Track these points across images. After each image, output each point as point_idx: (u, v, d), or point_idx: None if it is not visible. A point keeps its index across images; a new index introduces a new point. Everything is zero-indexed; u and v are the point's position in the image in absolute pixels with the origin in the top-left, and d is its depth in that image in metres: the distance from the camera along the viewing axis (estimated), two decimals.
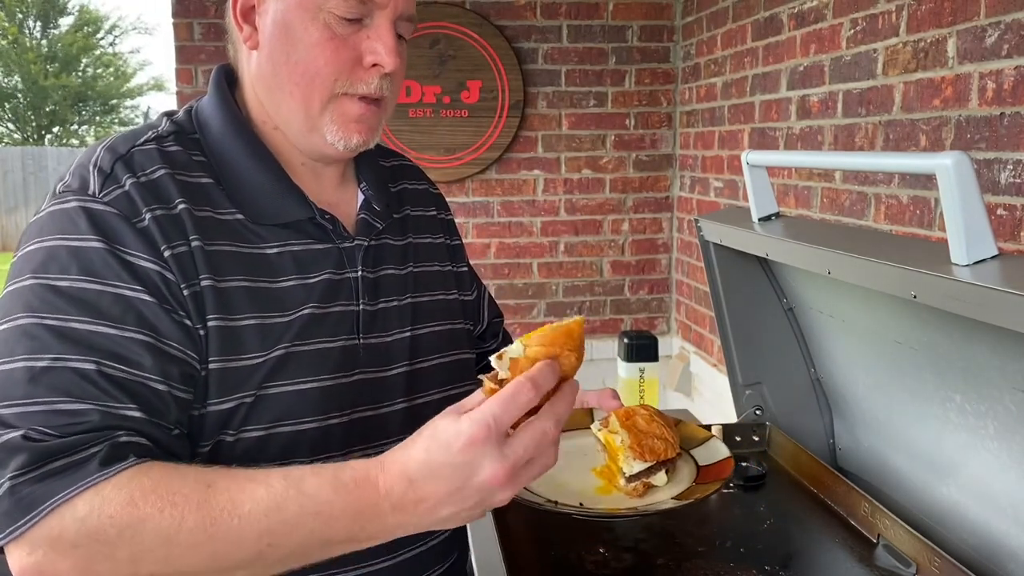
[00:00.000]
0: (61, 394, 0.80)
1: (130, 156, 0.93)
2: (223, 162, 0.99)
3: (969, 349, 1.11)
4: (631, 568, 1.21)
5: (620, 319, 3.70)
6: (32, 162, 14.41)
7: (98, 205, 0.89)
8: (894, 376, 1.34)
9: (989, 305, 0.85)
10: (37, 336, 0.82)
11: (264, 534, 0.78)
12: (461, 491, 0.78)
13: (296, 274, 0.98)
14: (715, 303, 1.64)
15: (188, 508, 0.77)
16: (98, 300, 0.85)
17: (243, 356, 0.92)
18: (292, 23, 0.96)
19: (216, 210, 0.96)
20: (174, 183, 0.93)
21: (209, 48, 3.30)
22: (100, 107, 20.34)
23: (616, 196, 3.61)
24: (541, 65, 3.49)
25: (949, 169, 0.92)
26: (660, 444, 1.01)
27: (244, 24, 0.99)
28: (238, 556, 0.78)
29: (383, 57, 0.97)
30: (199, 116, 1.02)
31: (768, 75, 2.66)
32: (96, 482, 0.77)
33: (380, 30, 0.97)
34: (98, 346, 0.83)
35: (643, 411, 1.06)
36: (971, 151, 1.70)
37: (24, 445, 0.77)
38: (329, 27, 0.95)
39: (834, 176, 2.26)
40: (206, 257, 0.92)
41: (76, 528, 0.76)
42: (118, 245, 0.87)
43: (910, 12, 1.91)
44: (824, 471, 1.43)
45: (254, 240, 0.97)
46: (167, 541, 0.76)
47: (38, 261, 0.86)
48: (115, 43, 21.40)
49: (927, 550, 1.13)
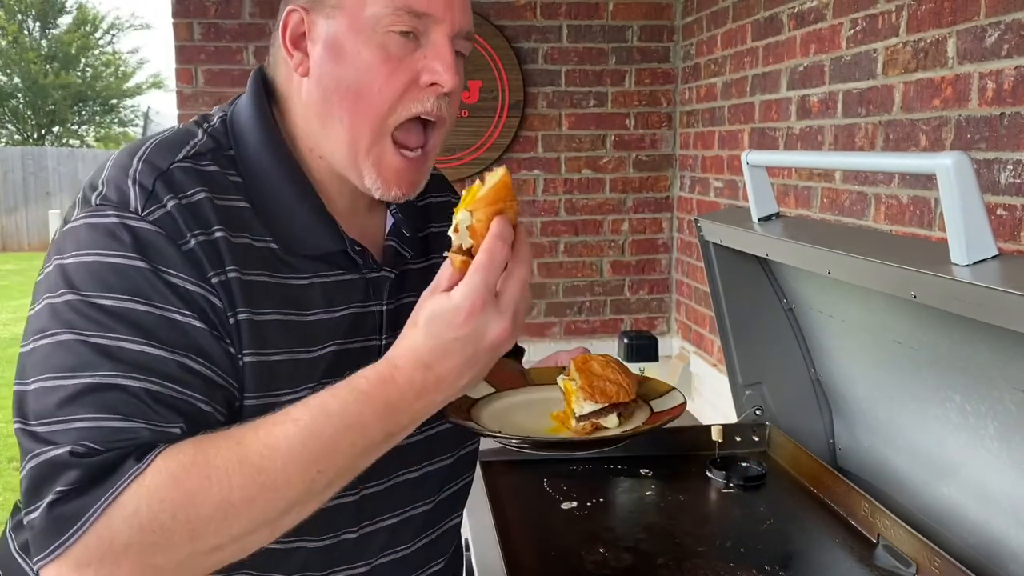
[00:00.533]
0: (109, 412, 0.77)
1: (170, 174, 0.89)
2: (259, 185, 0.94)
3: (969, 349, 1.11)
4: (631, 568, 1.21)
5: (620, 319, 3.70)
6: (32, 162, 14.41)
7: (142, 224, 0.85)
8: (894, 376, 1.34)
9: (989, 305, 0.86)
10: (80, 353, 0.79)
11: (310, 464, 0.78)
12: (474, 356, 0.82)
13: (324, 307, 0.95)
14: (715, 303, 1.64)
15: (231, 469, 0.76)
16: (146, 321, 0.82)
17: (277, 393, 0.89)
18: (344, 46, 0.91)
19: (253, 236, 0.91)
20: (213, 208, 0.89)
21: (209, 48, 3.30)
22: (100, 107, 20.34)
23: (616, 196, 3.61)
24: (541, 65, 3.49)
25: (949, 169, 0.92)
26: (612, 387, 1.03)
27: (294, 51, 0.94)
28: (291, 495, 0.78)
29: (441, 75, 0.92)
30: (234, 128, 0.97)
31: (768, 75, 2.66)
32: (136, 475, 0.74)
33: (438, 47, 0.92)
34: (146, 366, 0.80)
35: (601, 358, 1.08)
36: (971, 151, 1.70)
37: (73, 462, 0.74)
38: (384, 48, 0.91)
39: (834, 176, 2.26)
40: (243, 288, 0.88)
41: (128, 526, 0.73)
42: (163, 267, 0.84)
43: (910, 12, 1.91)
44: (824, 471, 1.43)
45: (285, 271, 0.93)
46: (222, 506, 0.75)
47: (78, 277, 0.83)
48: (113, 41, 21.37)
49: (927, 550, 1.13)
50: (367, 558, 1.01)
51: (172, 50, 3.30)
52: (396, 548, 1.04)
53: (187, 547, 0.75)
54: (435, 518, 1.09)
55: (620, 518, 1.40)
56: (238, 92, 1.04)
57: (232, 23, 3.29)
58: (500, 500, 1.46)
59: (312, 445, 0.78)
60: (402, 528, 1.04)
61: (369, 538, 1.01)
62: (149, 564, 0.75)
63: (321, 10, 0.93)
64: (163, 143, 0.93)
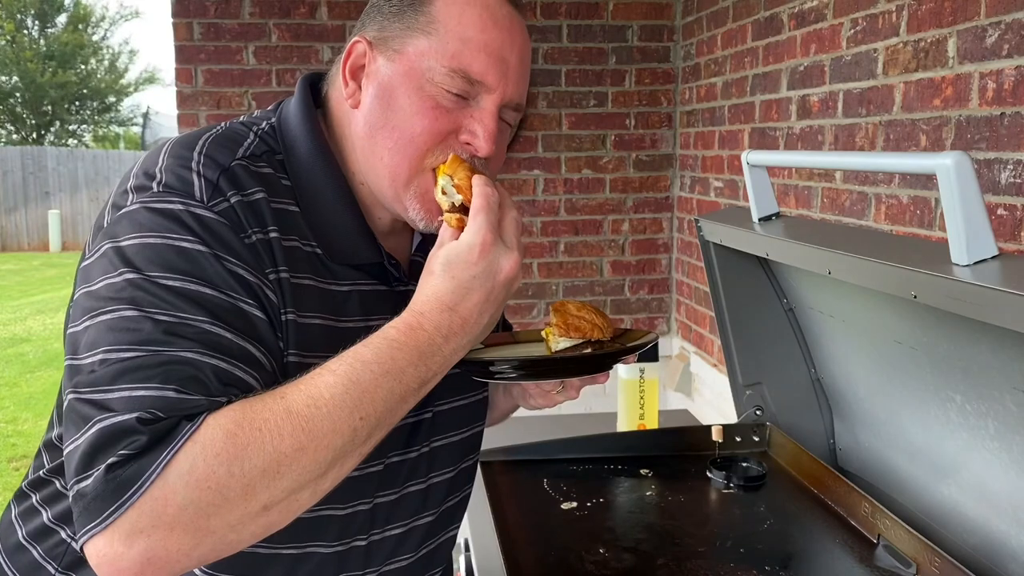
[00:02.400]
0: (172, 383, 0.77)
1: (232, 171, 0.90)
2: (307, 191, 0.96)
3: (969, 349, 1.11)
4: (631, 568, 1.21)
5: (620, 319, 3.70)
6: (32, 162, 14.42)
7: (208, 213, 0.86)
8: (894, 376, 1.34)
9: (989, 305, 0.86)
10: (143, 328, 0.79)
11: (353, 411, 0.79)
12: (492, 291, 0.87)
13: (361, 315, 0.98)
14: (715, 303, 1.64)
15: (279, 420, 0.76)
16: (212, 303, 0.82)
17: None
18: (396, 89, 0.94)
19: (301, 240, 0.94)
20: (269, 209, 0.91)
21: (209, 48, 3.30)
22: (98, 105, 20.35)
23: (616, 196, 3.61)
24: (541, 65, 3.49)
25: (949, 169, 0.92)
26: (587, 325, 1.06)
27: (351, 81, 0.97)
28: (337, 443, 0.79)
29: (479, 142, 0.95)
30: (284, 135, 0.99)
31: (768, 75, 2.66)
32: (190, 433, 0.73)
33: (484, 113, 0.95)
34: (215, 344, 0.81)
35: (577, 303, 1.10)
36: (971, 151, 1.70)
37: (139, 428, 0.73)
38: (434, 99, 0.93)
39: (834, 176, 2.26)
40: (292, 289, 0.91)
41: (184, 484, 0.72)
42: (227, 256, 0.85)
43: (910, 12, 1.91)
44: (824, 471, 1.43)
45: (328, 276, 0.96)
46: (275, 456, 0.75)
47: (140, 258, 0.83)
48: (107, 36, 21.33)
49: (927, 550, 1.13)
50: (374, 565, 1.04)
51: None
52: (401, 557, 1.06)
53: (241, 506, 0.74)
54: (437, 529, 1.11)
55: (620, 518, 1.40)
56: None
57: (232, 23, 3.29)
58: (500, 500, 1.46)
59: (353, 392, 0.80)
60: (408, 537, 1.06)
61: (377, 546, 1.03)
62: (202, 527, 0.73)
63: (384, 51, 0.95)
64: (220, 139, 0.94)
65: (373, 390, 0.81)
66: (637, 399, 1.90)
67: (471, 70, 0.93)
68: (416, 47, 0.93)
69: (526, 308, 3.62)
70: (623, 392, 1.92)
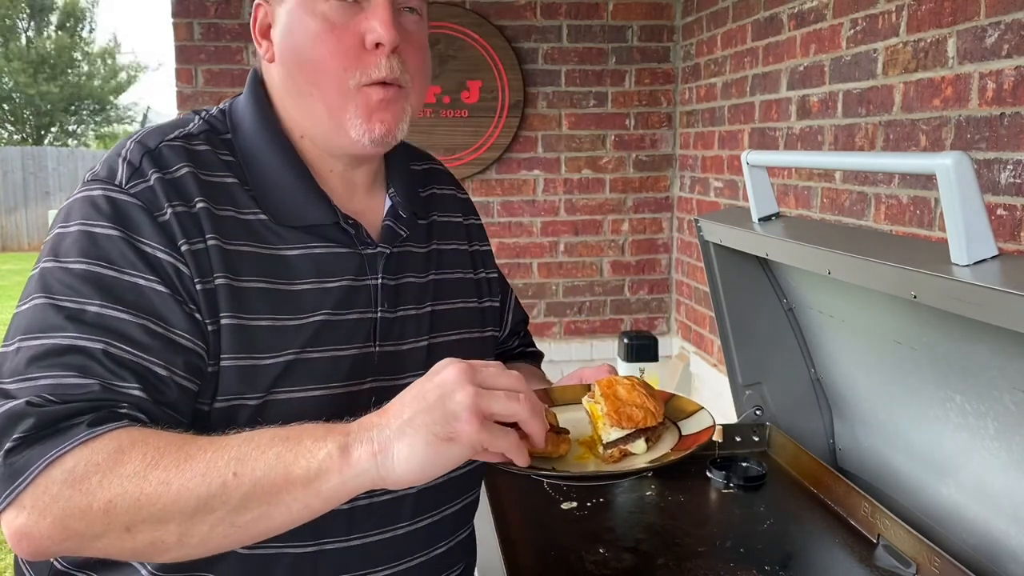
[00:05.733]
0: (67, 369, 0.82)
1: (158, 151, 0.95)
2: (251, 163, 0.99)
3: (969, 349, 1.11)
4: (631, 568, 1.21)
5: (620, 319, 3.70)
6: (32, 162, 14.40)
7: (123, 195, 0.91)
8: (894, 376, 1.34)
9: (989, 305, 0.86)
10: (49, 316, 0.85)
11: (232, 460, 0.79)
12: (421, 390, 0.81)
13: (314, 278, 0.98)
14: (715, 303, 1.64)
15: (169, 449, 0.79)
16: (113, 285, 0.87)
17: (255, 356, 0.92)
18: (294, 25, 0.96)
19: (239, 210, 0.96)
20: (196, 182, 0.94)
21: (209, 48, 3.30)
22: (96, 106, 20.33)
23: (616, 196, 3.61)
24: (541, 65, 3.49)
25: (949, 169, 0.92)
26: (639, 412, 1.02)
27: (262, 40, 1.01)
28: (203, 491, 0.78)
29: (379, 32, 0.94)
30: (233, 116, 1.03)
31: (768, 75, 2.66)
32: (87, 439, 0.79)
33: (375, 7, 0.95)
34: (109, 327, 0.85)
35: (626, 381, 1.06)
36: (971, 151, 1.70)
37: (29, 411, 0.79)
38: (326, 17, 0.95)
39: (834, 176, 2.26)
40: (223, 256, 0.93)
41: (62, 480, 0.78)
42: (136, 235, 0.90)
43: (910, 12, 1.91)
44: (824, 471, 1.43)
45: (274, 241, 0.97)
46: (140, 479, 0.78)
47: (60, 245, 0.89)
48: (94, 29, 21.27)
49: (927, 550, 1.13)
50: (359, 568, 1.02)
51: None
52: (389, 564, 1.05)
53: (102, 519, 0.78)
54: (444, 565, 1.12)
55: (620, 518, 1.40)
56: (238, 92, 1.07)
57: (232, 23, 3.29)
58: (500, 500, 1.46)
59: (245, 445, 0.80)
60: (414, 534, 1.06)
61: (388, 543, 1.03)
62: (68, 526, 0.78)
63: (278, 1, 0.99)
64: (157, 127, 1.01)
65: (263, 449, 0.80)
66: None
67: None
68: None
69: (526, 308, 3.62)
70: None
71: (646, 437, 1.03)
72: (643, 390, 1.05)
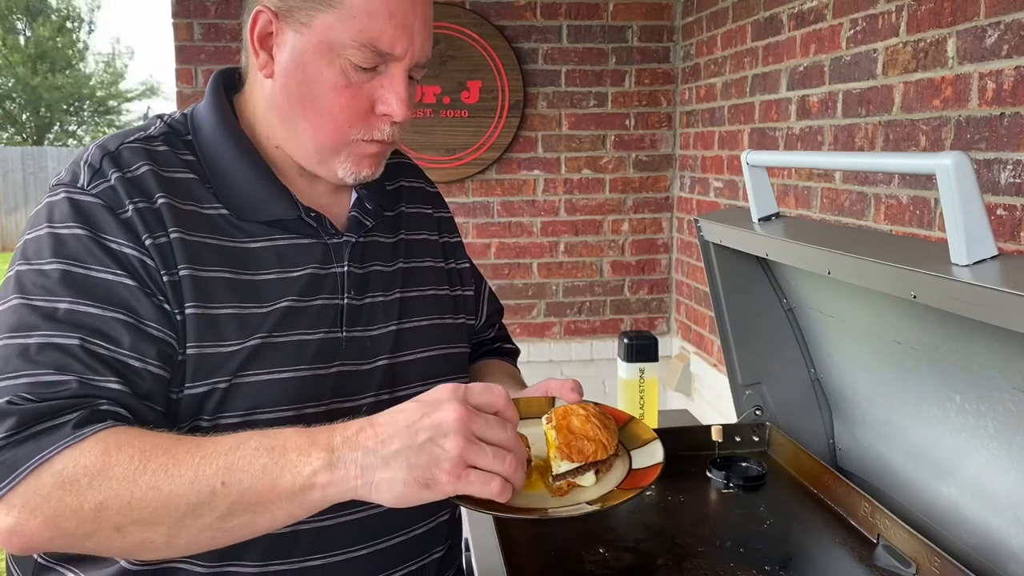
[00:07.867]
0: (45, 368, 0.85)
1: (118, 153, 0.98)
2: (212, 161, 1.02)
3: (969, 349, 1.11)
4: (631, 568, 1.21)
5: (620, 319, 3.70)
6: (32, 162, 14.41)
7: (85, 196, 0.94)
8: (894, 376, 1.34)
9: (989, 305, 0.86)
10: (25, 316, 0.87)
11: (221, 470, 0.81)
12: (415, 424, 0.81)
13: (278, 267, 1.01)
14: (715, 303, 1.64)
15: (156, 453, 0.82)
16: (83, 282, 0.90)
17: (219, 343, 0.95)
18: (308, 64, 0.97)
19: (200, 205, 0.99)
20: (156, 179, 0.97)
21: (209, 48, 3.30)
22: (97, 106, 20.34)
23: (616, 196, 3.61)
24: (541, 65, 3.49)
25: (949, 169, 0.92)
26: (590, 446, 0.99)
27: (260, 50, 1.00)
28: (192, 498, 0.80)
29: (394, 109, 0.99)
30: (194, 120, 1.05)
31: (768, 75, 2.66)
32: (76, 441, 0.81)
33: (394, 80, 0.98)
34: (82, 324, 0.88)
35: (581, 411, 1.03)
36: (971, 151, 1.70)
37: (10, 409, 0.82)
38: (345, 74, 0.97)
39: (834, 176, 2.26)
40: (186, 248, 0.95)
41: (51, 481, 0.80)
42: (101, 233, 0.92)
43: (910, 12, 1.91)
44: (824, 471, 1.43)
45: (237, 235, 1.00)
46: (130, 483, 0.80)
47: (30, 248, 0.93)
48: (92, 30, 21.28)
49: (927, 550, 1.13)
50: (343, 546, 1.03)
51: (165, 49, 3.30)
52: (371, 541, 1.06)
53: (92, 520, 0.80)
54: None
55: (620, 518, 1.40)
56: None
57: (232, 23, 3.29)
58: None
59: (232, 454, 0.82)
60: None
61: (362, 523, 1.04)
62: (59, 526, 0.80)
63: (291, 22, 0.98)
64: (119, 133, 1.03)
65: (250, 459, 0.82)
66: (637, 399, 1.89)
67: (380, 43, 0.96)
68: (323, 20, 0.96)
69: (526, 308, 3.62)
70: (623, 392, 1.91)
71: (596, 469, 1.01)
72: (597, 421, 1.02)
